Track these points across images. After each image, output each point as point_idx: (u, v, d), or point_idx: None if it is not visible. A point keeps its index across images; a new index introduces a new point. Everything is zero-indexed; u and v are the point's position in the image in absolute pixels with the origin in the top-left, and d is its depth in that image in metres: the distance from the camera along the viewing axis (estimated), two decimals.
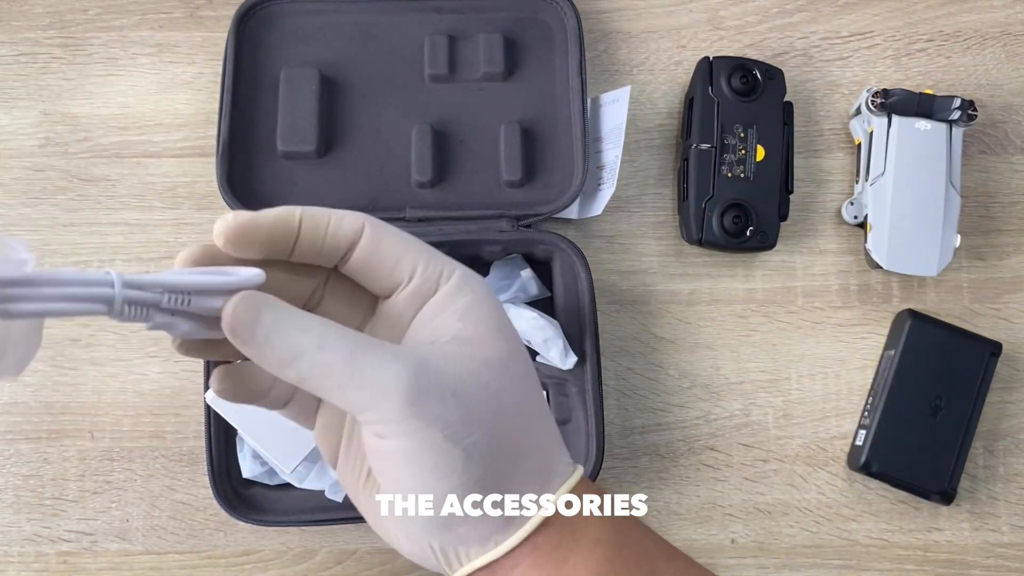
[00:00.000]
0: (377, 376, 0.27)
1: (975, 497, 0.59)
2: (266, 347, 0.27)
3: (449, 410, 0.27)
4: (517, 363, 0.30)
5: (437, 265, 0.31)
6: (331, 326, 0.28)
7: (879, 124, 0.60)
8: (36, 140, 0.63)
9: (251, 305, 0.27)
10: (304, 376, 0.27)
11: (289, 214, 0.29)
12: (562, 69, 0.62)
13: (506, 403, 0.29)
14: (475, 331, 0.30)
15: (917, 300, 0.61)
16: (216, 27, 0.64)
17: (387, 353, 0.28)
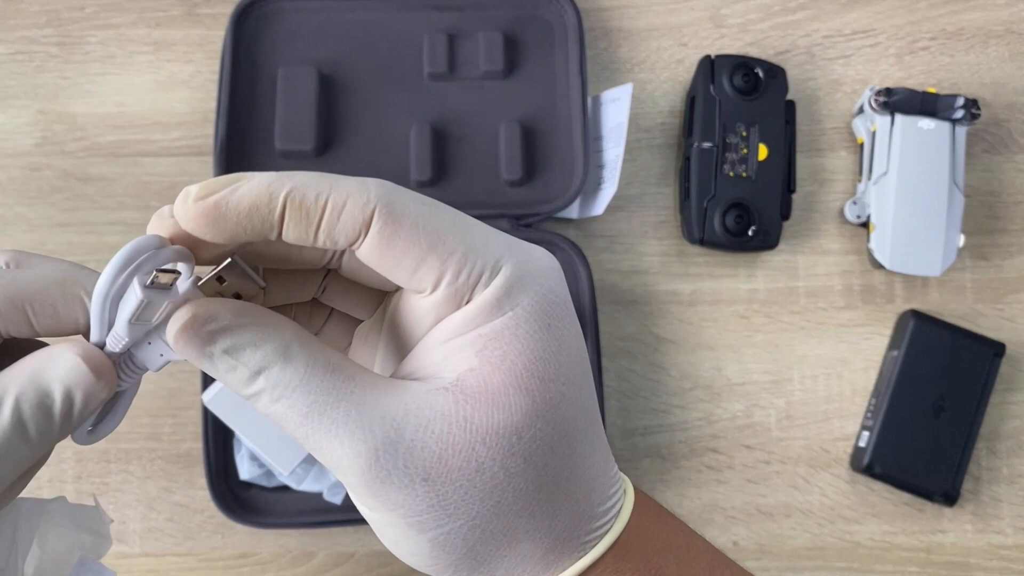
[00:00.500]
0: (331, 448, 0.22)
1: (978, 499, 0.59)
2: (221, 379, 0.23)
3: (415, 499, 0.22)
4: (545, 425, 0.23)
5: (475, 267, 0.23)
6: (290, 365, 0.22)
7: (882, 123, 0.60)
8: (33, 139, 0.62)
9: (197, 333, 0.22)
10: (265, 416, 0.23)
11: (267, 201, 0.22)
12: (562, 67, 0.62)
13: (508, 487, 0.22)
14: (489, 378, 0.22)
15: (920, 300, 0.61)
16: (214, 25, 0.63)
17: (349, 419, 0.22)
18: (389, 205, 0.22)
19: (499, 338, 0.22)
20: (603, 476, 0.25)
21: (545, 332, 0.23)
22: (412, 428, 0.22)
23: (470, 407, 0.22)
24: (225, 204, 0.22)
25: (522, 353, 0.22)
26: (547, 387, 0.23)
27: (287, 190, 0.22)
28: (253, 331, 0.22)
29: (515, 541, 0.23)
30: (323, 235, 0.22)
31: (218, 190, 0.22)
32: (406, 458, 0.22)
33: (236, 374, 0.22)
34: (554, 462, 0.23)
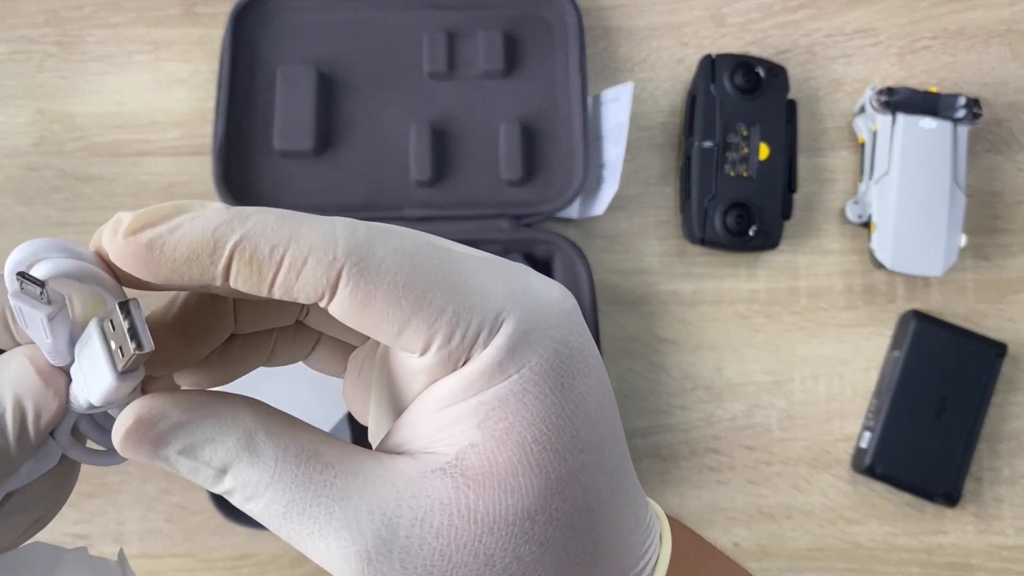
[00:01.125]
0: (318, 551, 0.19)
1: (980, 499, 0.59)
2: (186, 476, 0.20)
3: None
4: (562, 502, 0.19)
5: (470, 325, 0.19)
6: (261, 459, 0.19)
7: (883, 122, 0.59)
8: (31, 139, 0.62)
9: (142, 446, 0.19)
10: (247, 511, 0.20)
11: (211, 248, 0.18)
12: (562, 66, 0.61)
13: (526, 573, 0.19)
14: (492, 457, 0.19)
15: (922, 300, 0.61)
16: (212, 24, 0.63)
17: (333, 518, 0.19)
18: (360, 262, 0.19)
19: (503, 407, 0.19)
20: (635, 535, 0.22)
21: (558, 394, 0.19)
22: (407, 523, 0.19)
23: (472, 492, 0.19)
24: (160, 246, 0.18)
25: (531, 424, 0.19)
26: (562, 459, 0.19)
27: (235, 239, 0.18)
28: (210, 425, 0.19)
29: None
30: (279, 292, 0.19)
31: (155, 223, 0.18)
32: (403, 559, 0.19)
33: (200, 475, 0.19)
34: (575, 541, 0.20)
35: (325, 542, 0.19)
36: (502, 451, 0.19)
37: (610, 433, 0.21)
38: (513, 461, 0.19)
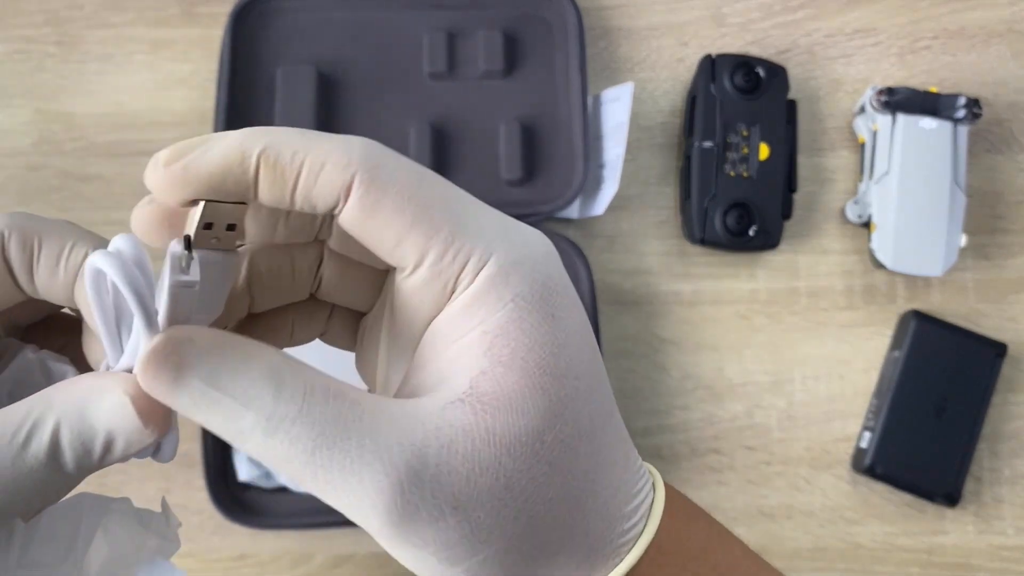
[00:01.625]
0: (349, 488, 0.19)
1: (980, 499, 0.59)
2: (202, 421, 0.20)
3: (446, 533, 0.20)
4: (565, 423, 0.21)
5: (462, 249, 0.21)
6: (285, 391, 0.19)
7: (883, 122, 0.59)
8: (30, 138, 0.62)
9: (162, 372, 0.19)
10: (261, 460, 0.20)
11: (240, 159, 0.20)
12: (562, 66, 0.61)
13: (538, 498, 0.20)
14: (503, 380, 0.20)
15: (922, 300, 0.61)
16: (212, 24, 0.63)
17: (366, 451, 0.19)
18: (372, 170, 0.20)
19: (505, 334, 0.20)
20: (628, 472, 0.23)
21: (550, 323, 0.21)
22: (435, 451, 0.19)
23: (490, 416, 0.20)
24: (196, 167, 0.20)
25: (531, 349, 0.20)
26: (561, 383, 0.21)
27: (260, 147, 0.20)
28: (235, 355, 0.19)
29: (551, 556, 0.21)
30: (300, 198, 0.20)
31: (187, 153, 0.20)
32: (433, 487, 0.19)
33: (220, 408, 0.19)
34: (579, 464, 0.21)
35: (357, 476, 0.19)
36: (509, 375, 0.20)
37: (598, 369, 0.22)
38: (521, 384, 0.20)
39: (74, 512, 0.24)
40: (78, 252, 0.22)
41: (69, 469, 0.20)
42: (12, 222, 0.22)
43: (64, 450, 0.20)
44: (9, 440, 0.20)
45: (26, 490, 0.20)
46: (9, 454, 0.20)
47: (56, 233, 0.22)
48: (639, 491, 0.23)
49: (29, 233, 0.22)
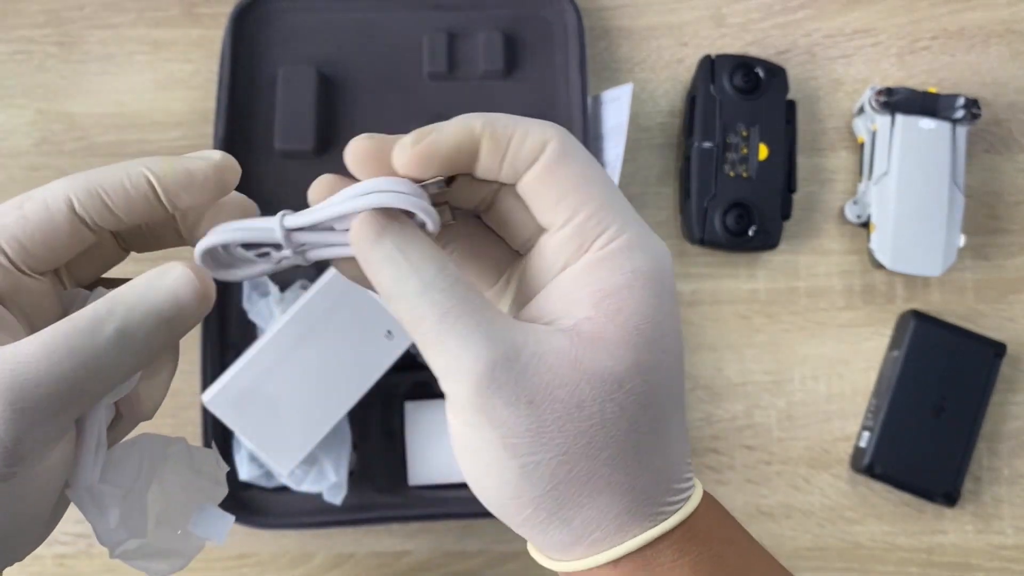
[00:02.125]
0: (457, 351, 0.24)
1: (979, 499, 0.59)
2: (378, 273, 0.25)
3: (517, 419, 0.24)
4: (643, 383, 0.24)
5: (604, 219, 0.25)
6: (443, 273, 0.24)
7: (883, 123, 0.60)
8: (32, 139, 0.62)
9: (374, 226, 0.24)
10: (399, 316, 0.25)
11: (469, 136, 0.25)
12: (562, 67, 0.61)
13: (600, 431, 0.24)
14: (603, 328, 0.24)
15: (921, 300, 0.61)
16: (213, 24, 0.63)
17: (479, 329, 0.24)
18: (562, 142, 0.25)
19: (616, 294, 0.24)
20: (681, 455, 0.26)
21: (655, 300, 0.25)
22: (528, 353, 0.24)
23: (582, 349, 0.24)
24: (436, 143, 0.25)
25: (634, 313, 0.24)
26: (651, 348, 0.24)
27: (482, 123, 0.25)
28: (421, 238, 0.25)
29: (596, 491, 0.24)
30: (508, 159, 0.25)
31: (427, 135, 0.25)
32: (518, 377, 0.24)
33: (395, 265, 0.24)
34: (644, 421, 0.24)
35: (465, 345, 0.24)
36: (609, 326, 0.24)
37: (679, 356, 0.26)
38: (616, 335, 0.24)
39: (136, 450, 0.28)
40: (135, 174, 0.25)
41: (139, 346, 0.24)
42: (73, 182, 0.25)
43: (135, 334, 0.24)
44: (84, 329, 0.23)
45: (104, 369, 0.24)
46: (87, 342, 0.23)
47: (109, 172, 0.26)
48: (686, 478, 0.26)
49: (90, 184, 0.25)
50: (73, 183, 0.25)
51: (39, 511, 0.25)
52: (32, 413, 0.23)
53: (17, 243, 0.25)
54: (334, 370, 0.53)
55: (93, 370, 0.23)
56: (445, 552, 0.58)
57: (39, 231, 0.25)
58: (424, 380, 0.59)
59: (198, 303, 0.24)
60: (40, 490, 0.24)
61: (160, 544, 0.28)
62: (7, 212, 0.25)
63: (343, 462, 0.55)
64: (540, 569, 0.63)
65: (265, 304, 0.57)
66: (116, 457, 0.27)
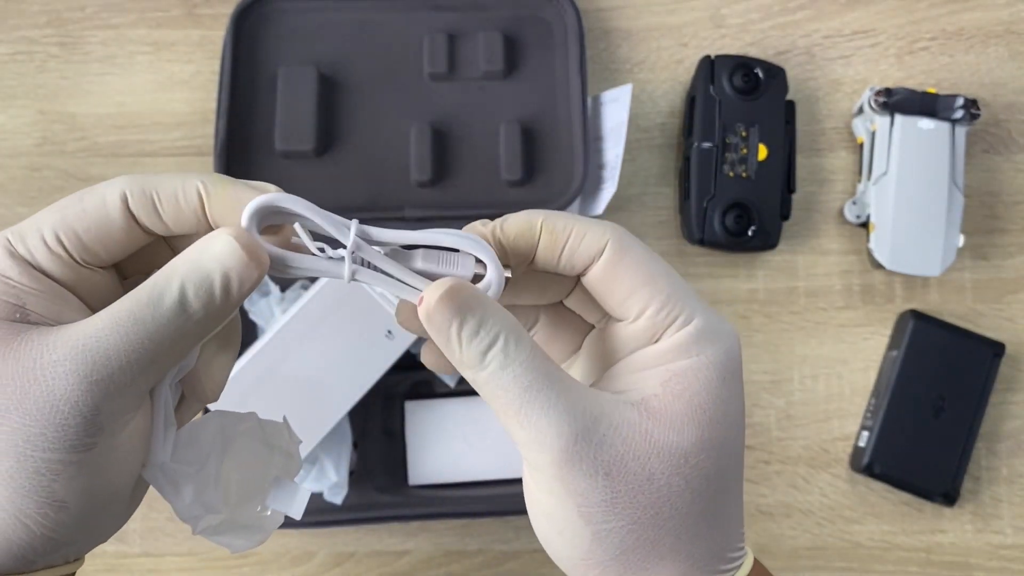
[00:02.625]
0: (540, 424, 0.25)
1: (978, 499, 0.59)
2: (460, 349, 0.26)
3: (594, 489, 0.25)
4: (707, 458, 0.26)
5: (674, 309, 0.27)
6: (523, 345, 0.26)
7: (882, 123, 0.60)
8: (33, 139, 0.62)
9: (455, 300, 0.25)
10: (478, 387, 0.26)
11: (529, 228, 0.27)
12: (562, 67, 0.62)
13: (667, 502, 0.25)
14: (670, 405, 0.26)
15: (920, 300, 0.61)
16: (214, 25, 0.63)
17: (560, 402, 0.25)
18: (619, 240, 0.27)
19: (683, 375, 0.26)
20: (737, 526, 0.28)
21: (721, 382, 0.26)
22: (605, 425, 0.25)
23: (652, 423, 0.26)
24: (503, 232, 0.27)
25: (699, 393, 0.26)
26: (715, 427, 0.26)
27: (542, 219, 0.27)
28: (497, 310, 0.26)
29: (659, 557, 0.26)
30: (564, 258, 0.27)
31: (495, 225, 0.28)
32: (596, 449, 0.25)
33: (476, 340, 0.25)
34: (707, 494, 0.26)
35: (548, 418, 0.25)
36: (676, 404, 0.26)
37: (740, 436, 0.27)
38: (682, 413, 0.26)
39: (207, 427, 0.28)
40: (189, 186, 0.26)
41: (198, 314, 0.24)
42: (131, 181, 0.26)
43: (190, 297, 0.24)
44: (146, 300, 0.24)
45: (168, 339, 0.24)
46: (148, 311, 0.24)
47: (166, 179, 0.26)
48: (740, 547, 0.28)
49: (145, 186, 0.26)
50: (131, 182, 0.26)
51: (119, 488, 0.26)
52: (106, 384, 0.24)
53: (75, 235, 0.26)
54: (334, 370, 0.53)
55: (158, 340, 0.24)
56: (445, 552, 0.58)
57: (95, 225, 0.26)
58: (424, 380, 0.59)
59: (243, 268, 0.25)
60: (120, 464, 0.25)
61: (240, 519, 0.28)
62: (70, 204, 0.26)
63: (344, 462, 0.55)
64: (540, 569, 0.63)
65: (266, 304, 0.57)
66: (187, 435, 0.28)
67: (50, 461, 0.23)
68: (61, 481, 0.24)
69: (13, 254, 0.26)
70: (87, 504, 0.25)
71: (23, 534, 0.24)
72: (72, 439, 0.23)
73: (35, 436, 0.23)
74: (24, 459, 0.23)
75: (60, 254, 0.26)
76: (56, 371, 0.23)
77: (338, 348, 0.53)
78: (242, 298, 0.25)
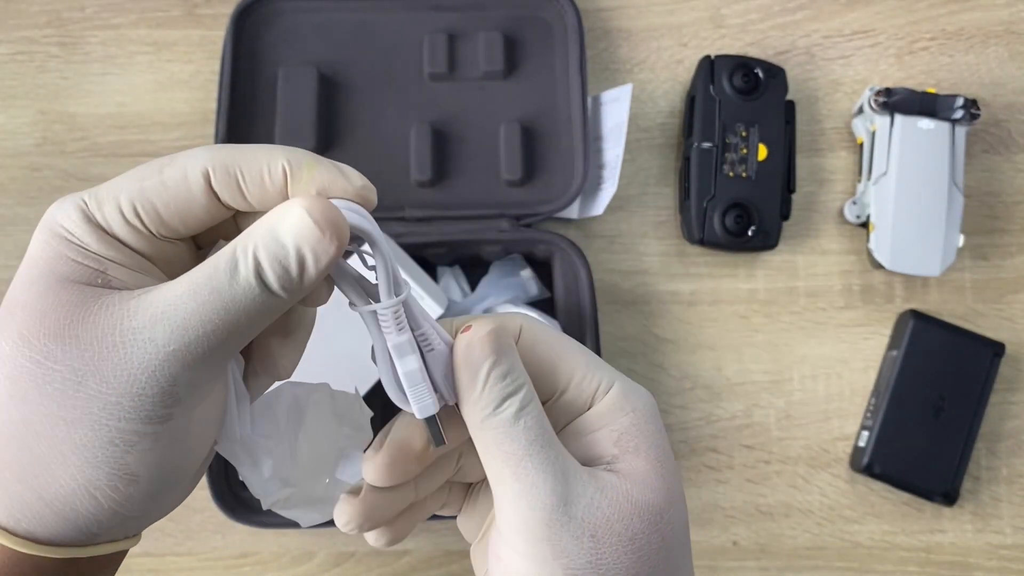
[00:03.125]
0: (536, 479, 0.25)
1: (978, 498, 0.59)
2: (484, 387, 0.26)
3: (581, 552, 0.25)
4: (674, 511, 0.27)
5: (595, 376, 0.28)
6: (536, 402, 0.26)
7: (882, 123, 0.60)
8: (33, 139, 0.62)
9: (499, 341, 0.26)
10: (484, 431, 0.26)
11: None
12: (562, 67, 0.62)
13: (649, 561, 0.26)
14: (634, 464, 0.27)
15: (920, 300, 0.61)
16: (214, 25, 0.63)
17: (558, 461, 0.26)
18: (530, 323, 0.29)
19: (629, 433, 0.27)
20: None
21: (658, 432, 0.28)
22: (593, 489, 0.26)
23: (629, 484, 0.26)
24: None
25: (651, 446, 0.27)
26: (672, 479, 0.27)
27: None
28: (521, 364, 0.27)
29: None
30: None
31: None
32: (584, 511, 0.25)
33: (502, 384, 0.26)
34: (676, 549, 0.27)
35: (544, 474, 0.25)
36: (637, 461, 0.27)
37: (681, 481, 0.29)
38: (646, 469, 0.27)
39: (281, 399, 0.28)
40: (275, 165, 0.25)
41: (274, 288, 0.23)
42: (213, 156, 0.25)
43: (266, 271, 0.23)
44: (223, 271, 0.23)
45: (244, 311, 0.23)
46: (225, 282, 0.23)
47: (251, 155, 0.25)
48: None
49: (229, 162, 0.25)
50: (214, 156, 0.25)
51: (191, 462, 0.25)
52: (184, 354, 0.23)
53: (153, 209, 0.24)
54: (334, 370, 0.53)
55: (236, 311, 0.23)
56: (445, 552, 0.58)
57: (174, 199, 0.24)
58: None
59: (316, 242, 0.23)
60: (194, 438, 0.25)
61: (310, 492, 0.28)
62: (148, 175, 0.25)
63: None
64: None
65: None
66: (261, 408, 0.28)
67: (125, 432, 0.23)
68: (135, 453, 0.23)
69: (90, 220, 0.24)
70: (158, 478, 0.24)
71: (91, 506, 0.23)
72: (148, 410, 0.23)
73: (111, 405, 0.22)
74: (99, 428, 0.23)
75: (137, 226, 0.24)
76: (136, 339, 0.23)
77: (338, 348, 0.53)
78: (321, 273, 0.24)
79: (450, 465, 0.31)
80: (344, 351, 0.53)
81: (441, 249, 0.59)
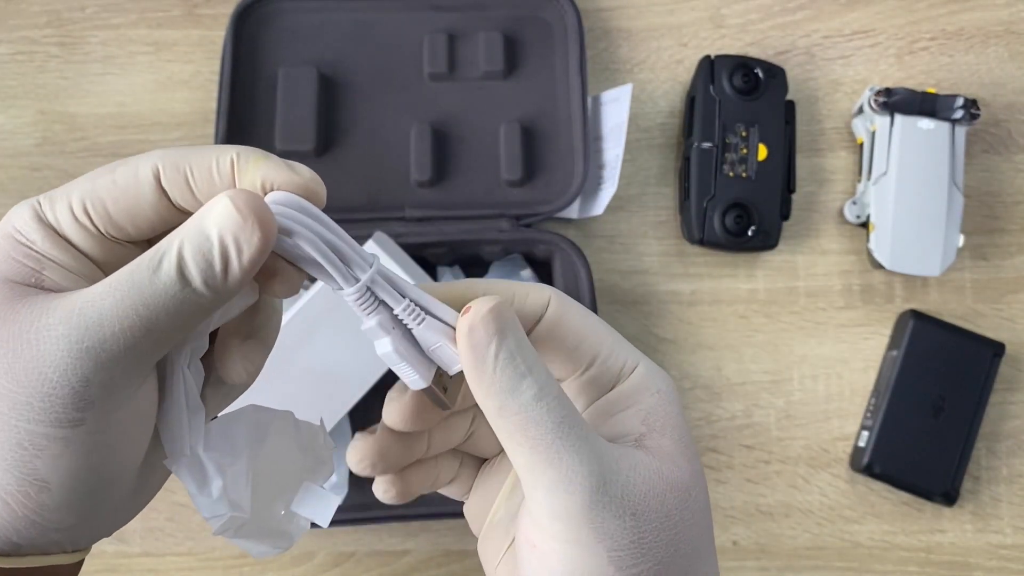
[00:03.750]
0: (572, 462, 0.24)
1: (978, 498, 0.59)
2: (494, 371, 0.24)
3: (624, 531, 0.24)
4: (699, 490, 0.26)
5: (620, 355, 0.28)
6: (553, 379, 0.25)
7: (882, 123, 0.60)
8: (33, 139, 0.62)
9: (501, 319, 0.25)
10: (504, 418, 0.25)
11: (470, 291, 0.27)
12: (562, 67, 0.62)
13: (683, 537, 0.25)
14: (661, 442, 0.26)
15: (920, 300, 0.61)
16: (214, 25, 0.63)
17: (589, 442, 0.24)
18: (559, 296, 0.28)
19: (656, 411, 0.27)
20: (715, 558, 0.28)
21: (680, 417, 0.27)
22: (627, 466, 0.25)
23: (659, 461, 0.26)
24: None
25: (675, 426, 0.27)
26: (695, 459, 0.27)
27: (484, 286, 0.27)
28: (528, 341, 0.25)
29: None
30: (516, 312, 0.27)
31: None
32: (623, 490, 0.24)
33: (513, 365, 0.24)
34: (704, 526, 0.26)
35: (579, 457, 0.24)
36: (664, 439, 0.26)
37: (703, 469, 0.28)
38: (673, 448, 0.26)
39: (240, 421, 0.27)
40: (224, 160, 0.24)
41: (196, 283, 0.22)
42: (165, 154, 0.24)
43: (188, 265, 0.22)
44: (146, 266, 0.22)
45: (164, 309, 0.22)
46: (146, 277, 0.22)
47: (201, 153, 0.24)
48: None
49: (179, 160, 0.24)
50: (166, 154, 0.24)
51: (114, 474, 0.24)
52: (99, 353, 0.22)
53: (103, 207, 0.24)
54: (334, 370, 0.53)
55: (155, 308, 0.22)
56: (445, 552, 0.58)
57: (124, 198, 0.24)
58: None
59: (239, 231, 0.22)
60: (113, 448, 0.23)
61: (263, 523, 0.27)
62: (102, 174, 0.24)
63: (344, 461, 0.56)
64: None
65: None
66: (219, 425, 0.26)
67: (33, 434, 0.22)
68: (44, 458, 0.22)
69: (40, 219, 0.24)
70: (73, 487, 0.23)
71: (4, 513, 0.23)
72: (59, 411, 0.22)
73: (21, 404, 0.22)
74: (8, 429, 0.22)
75: (86, 225, 0.24)
76: (49, 335, 0.22)
77: (338, 348, 0.53)
78: (247, 268, 0.23)
79: (463, 425, 0.31)
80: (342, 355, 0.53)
81: (441, 249, 0.59)
